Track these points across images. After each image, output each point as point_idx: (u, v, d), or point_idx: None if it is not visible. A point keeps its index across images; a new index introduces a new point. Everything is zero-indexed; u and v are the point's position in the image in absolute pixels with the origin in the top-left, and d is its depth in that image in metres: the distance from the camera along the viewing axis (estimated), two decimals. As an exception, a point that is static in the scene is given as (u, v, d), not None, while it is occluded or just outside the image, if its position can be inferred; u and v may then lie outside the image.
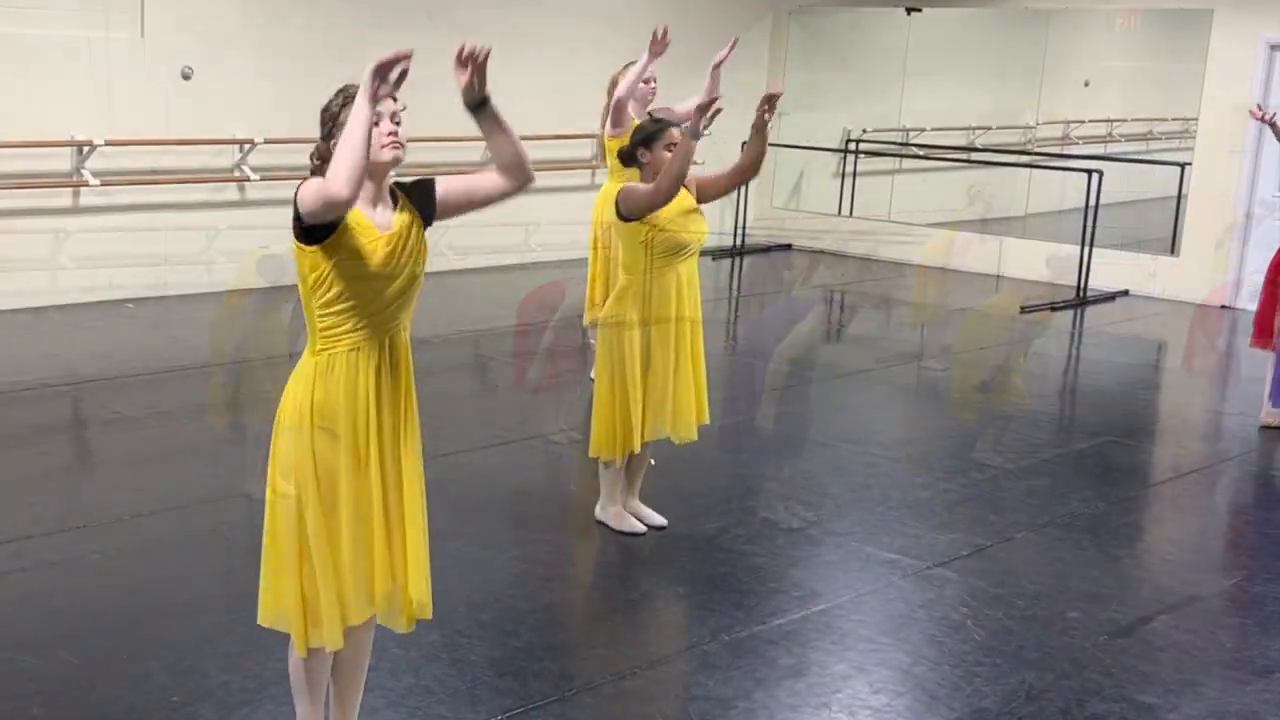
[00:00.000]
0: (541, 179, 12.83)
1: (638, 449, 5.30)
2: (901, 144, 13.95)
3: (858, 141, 13.99)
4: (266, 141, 10.15)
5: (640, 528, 5.43)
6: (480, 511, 5.72)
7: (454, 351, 8.83)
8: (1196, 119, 11.75)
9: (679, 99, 8.01)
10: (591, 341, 7.26)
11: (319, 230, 3.34)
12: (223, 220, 10.19)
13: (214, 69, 9.91)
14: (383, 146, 3.37)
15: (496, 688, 4.11)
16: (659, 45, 7.31)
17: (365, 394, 3.37)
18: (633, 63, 7.70)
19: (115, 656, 4.24)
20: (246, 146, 10.10)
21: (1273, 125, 7.40)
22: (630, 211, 5.17)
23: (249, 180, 10.16)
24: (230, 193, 10.22)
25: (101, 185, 9.33)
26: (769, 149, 5.48)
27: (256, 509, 5.52)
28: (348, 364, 3.42)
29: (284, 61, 10.30)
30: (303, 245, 3.40)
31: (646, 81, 7.53)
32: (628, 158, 5.35)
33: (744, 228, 12.92)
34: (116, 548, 5.15)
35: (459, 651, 4.33)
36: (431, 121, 11.17)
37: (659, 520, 5.50)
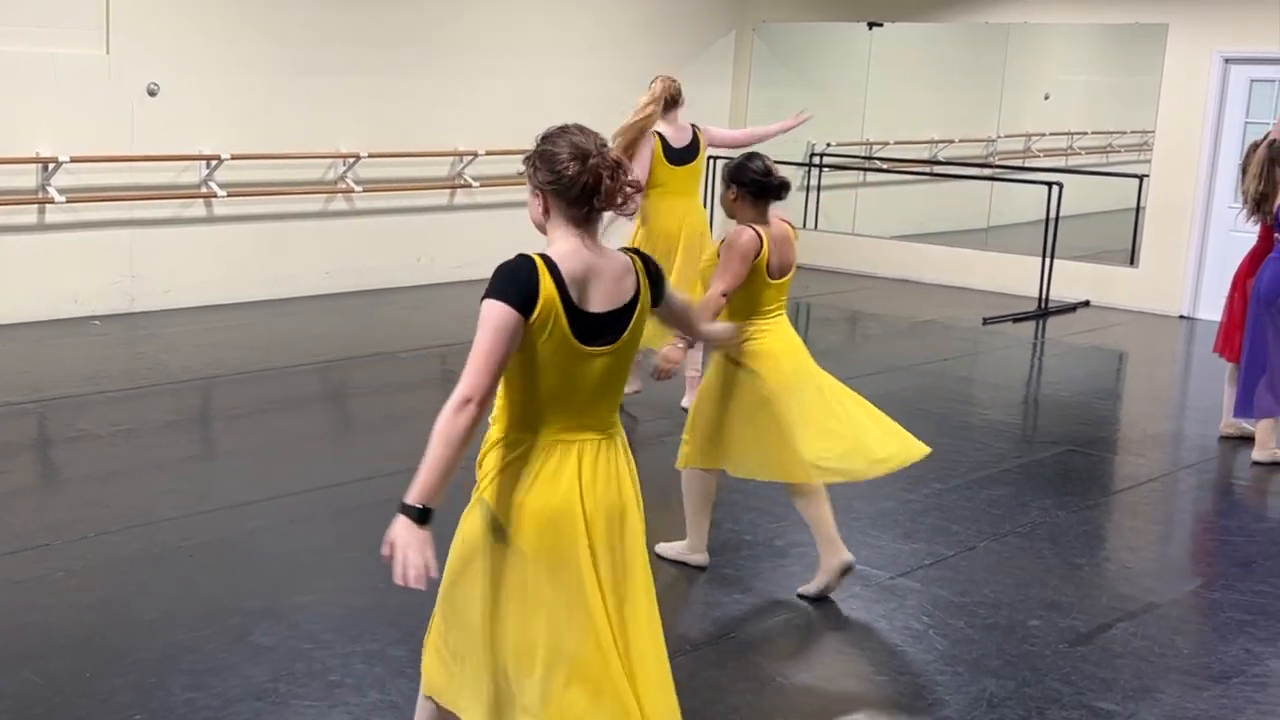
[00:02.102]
0: (507, 194, 12.92)
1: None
2: (865, 158, 14.02)
3: (821, 155, 14.04)
4: (233, 157, 10.12)
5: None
6: (447, 526, 5.69)
7: (423, 365, 8.82)
8: (1154, 132, 11.87)
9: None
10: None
11: None
12: (190, 236, 10.15)
13: (180, 85, 9.87)
14: None
15: (462, 702, 4.10)
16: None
17: None
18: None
19: (79, 675, 4.21)
20: (213, 163, 10.06)
21: None
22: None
23: (216, 196, 10.12)
24: (198, 209, 10.18)
25: (67, 202, 9.27)
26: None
27: (224, 525, 5.52)
28: None
29: (250, 77, 10.28)
30: None
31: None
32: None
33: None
34: (81, 565, 5.12)
35: (425, 666, 4.32)
36: (399, 140, 11.20)
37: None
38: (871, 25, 13.48)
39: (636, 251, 3.24)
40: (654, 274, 3.21)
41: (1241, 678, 4.53)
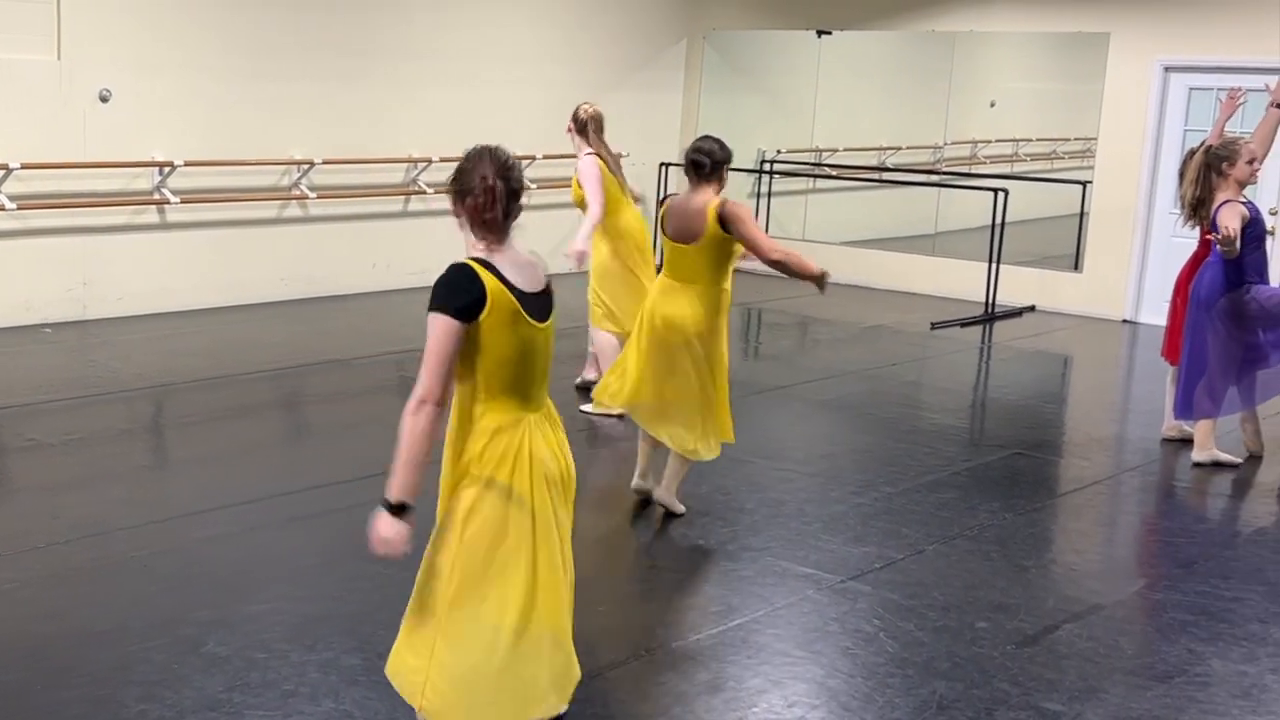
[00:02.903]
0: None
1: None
2: (814, 164, 14.07)
3: (772, 162, 14.08)
4: (187, 164, 10.03)
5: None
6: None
7: (378, 372, 8.77)
8: (1097, 139, 11.98)
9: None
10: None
11: None
12: (143, 243, 10.05)
13: (132, 91, 9.77)
14: None
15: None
16: None
17: None
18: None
19: (30, 687, 4.15)
20: (166, 169, 9.97)
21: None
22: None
23: (169, 203, 10.02)
24: (150, 215, 10.08)
25: (18, 209, 9.16)
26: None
27: (177, 534, 5.45)
28: None
29: (203, 83, 10.19)
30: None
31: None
32: None
33: (662, 249, 12.94)
34: (32, 576, 5.04)
35: (379, 674, 4.26)
36: (353, 147, 11.13)
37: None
38: (820, 33, 13.53)
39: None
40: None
41: (1184, 677, 4.57)
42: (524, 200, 3.57)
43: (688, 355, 5.74)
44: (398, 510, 3.39)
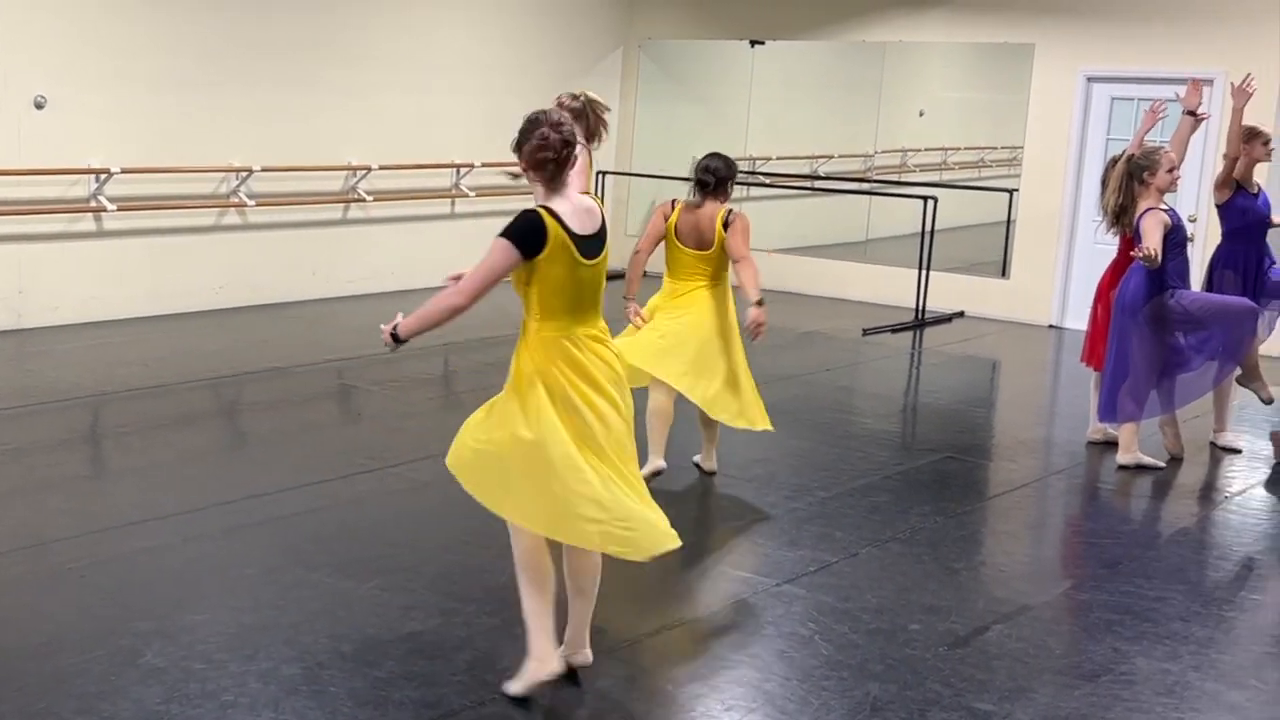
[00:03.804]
0: (401, 208, 12.84)
1: None
2: (748, 172, 14.10)
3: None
4: (124, 171, 9.90)
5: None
6: (341, 541, 5.63)
7: (318, 380, 8.69)
8: (1023, 147, 12.11)
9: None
10: None
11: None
12: (79, 251, 9.90)
13: (68, 98, 9.63)
14: None
15: (356, 718, 4.04)
16: None
17: None
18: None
19: (-34, 701, 4.06)
20: (103, 176, 9.83)
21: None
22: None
23: (106, 210, 9.88)
24: (87, 223, 9.94)
25: (-48, 218, 9.01)
26: (625, 178, 5.77)
27: (115, 545, 5.35)
28: None
29: (140, 90, 10.06)
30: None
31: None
32: None
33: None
34: (-32, 588, 4.95)
35: (319, 683, 4.25)
36: (292, 154, 11.02)
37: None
38: (753, 43, 13.58)
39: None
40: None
41: (1110, 676, 4.62)
42: (577, 152, 4.17)
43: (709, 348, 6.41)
44: (397, 341, 4.31)
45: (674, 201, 6.55)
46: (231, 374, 8.64)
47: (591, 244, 4.14)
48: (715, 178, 6.41)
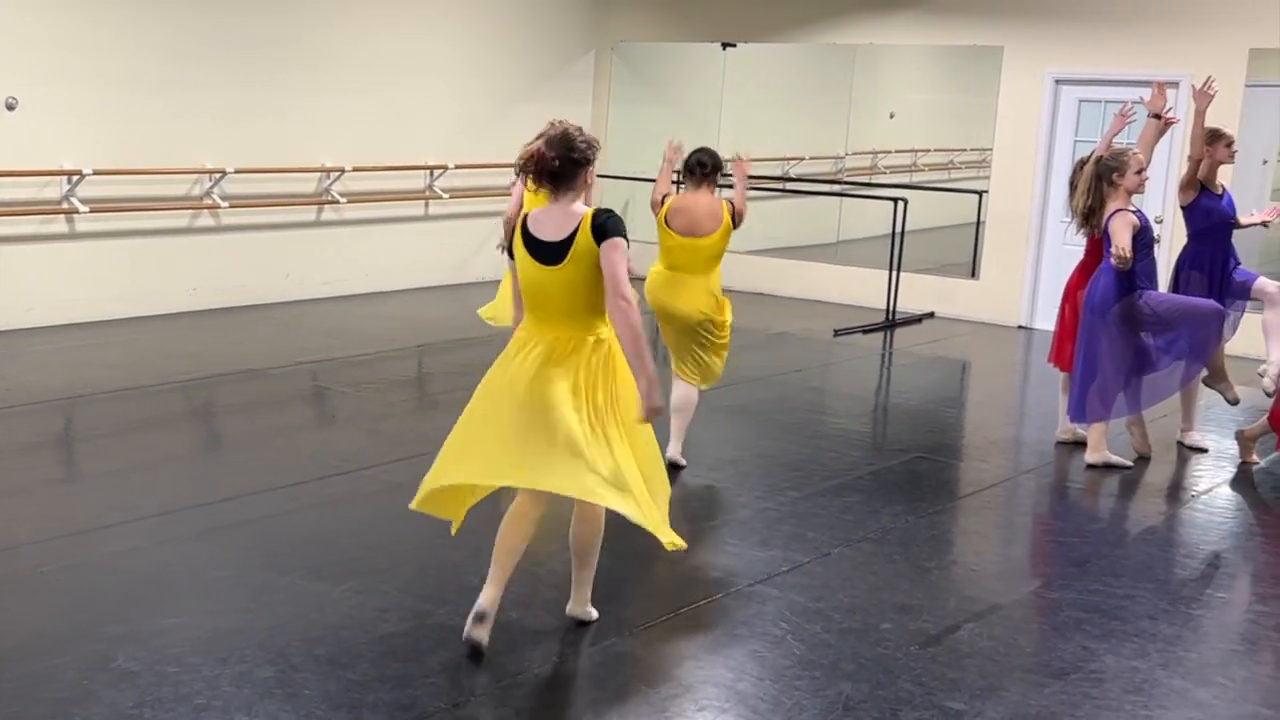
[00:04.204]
0: (374, 210, 12.79)
1: None
2: (721, 174, 14.08)
3: (678, 172, 14.06)
4: (96, 173, 9.82)
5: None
6: (315, 543, 5.60)
7: (292, 382, 8.64)
8: (992, 149, 12.16)
9: (509, 132, 8.11)
10: None
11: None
12: (52, 253, 9.82)
13: (40, 99, 9.56)
14: None
15: (330, 722, 4.01)
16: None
17: None
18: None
19: (-63, 706, 4.02)
20: (75, 178, 9.75)
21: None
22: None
23: (78, 212, 9.81)
24: (59, 225, 9.86)
25: (-77, 220, 8.92)
26: (598, 180, 5.90)
27: (87, 548, 5.30)
28: None
29: (112, 92, 9.99)
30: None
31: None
32: None
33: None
34: (-61, 592, 4.90)
35: (293, 686, 4.22)
36: (265, 156, 10.96)
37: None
38: (725, 45, 13.59)
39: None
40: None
41: (1079, 674, 4.63)
42: (576, 166, 4.33)
43: (696, 337, 6.85)
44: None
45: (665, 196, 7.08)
46: (205, 376, 8.59)
47: (550, 249, 4.31)
48: (712, 163, 6.95)
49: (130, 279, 10.31)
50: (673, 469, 6.59)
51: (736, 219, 6.90)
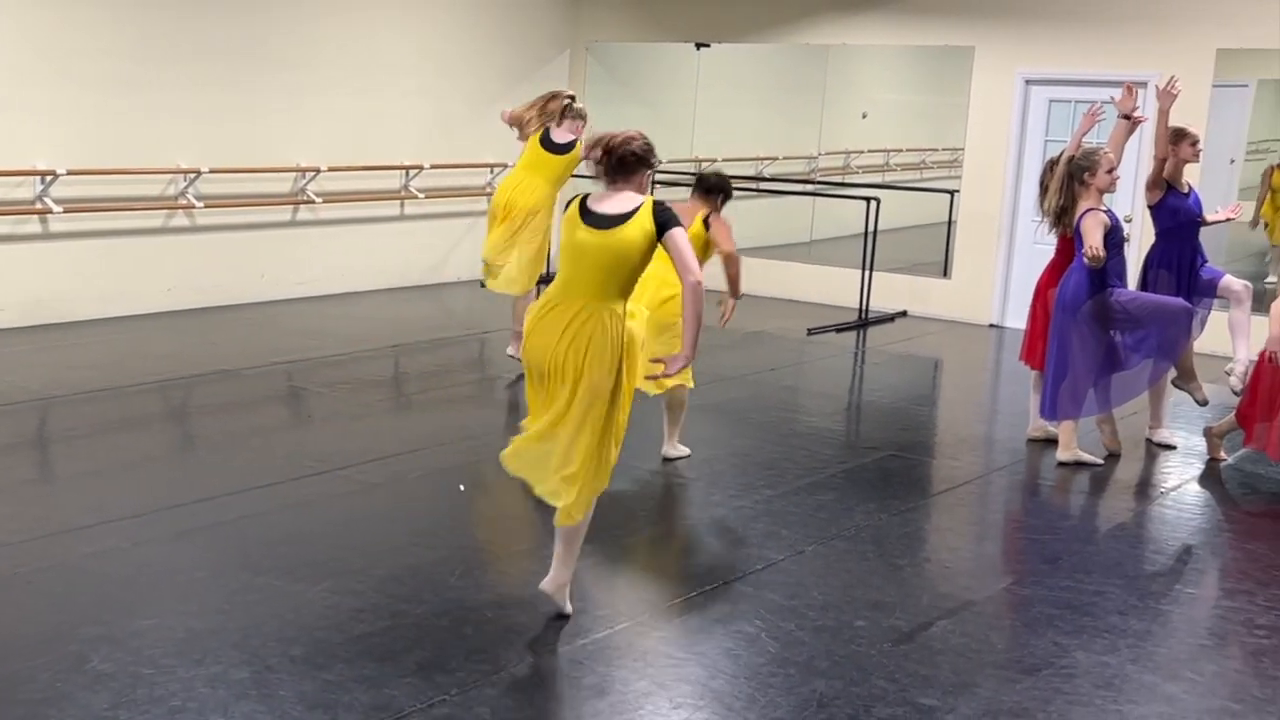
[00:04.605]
0: (350, 210, 12.73)
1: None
2: (695, 174, 14.10)
3: (654, 172, 14.06)
4: (70, 173, 9.76)
5: None
6: (290, 544, 5.58)
7: (267, 382, 8.60)
8: (963, 149, 12.20)
9: (479, 128, 8.12)
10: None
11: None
12: (25, 253, 9.75)
13: (14, 99, 9.48)
14: None
15: (306, 722, 4.00)
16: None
17: None
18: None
19: (-90, 709, 3.99)
20: (49, 178, 9.68)
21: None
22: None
23: (52, 212, 9.74)
24: (33, 225, 9.79)
25: (-104, 221, 8.84)
26: (573, 180, 5.96)
27: (62, 549, 5.27)
28: None
29: (87, 92, 9.92)
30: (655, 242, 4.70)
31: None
32: None
33: (550, 257, 12.91)
34: (-87, 595, 4.85)
35: (268, 687, 4.20)
36: (240, 156, 10.91)
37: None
38: (699, 46, 13.59)
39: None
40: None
41: (1051, 669, 4.65)
42: (639, 162, 4.84)
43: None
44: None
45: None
46: (180, 377, 8.55)
47: (602, 219, 4.68)
48: (709, 185, 7.06)
49: (105, 279, 10.25)
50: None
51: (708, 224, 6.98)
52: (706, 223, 6.85)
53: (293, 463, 6.71)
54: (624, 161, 4.80)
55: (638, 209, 4.70)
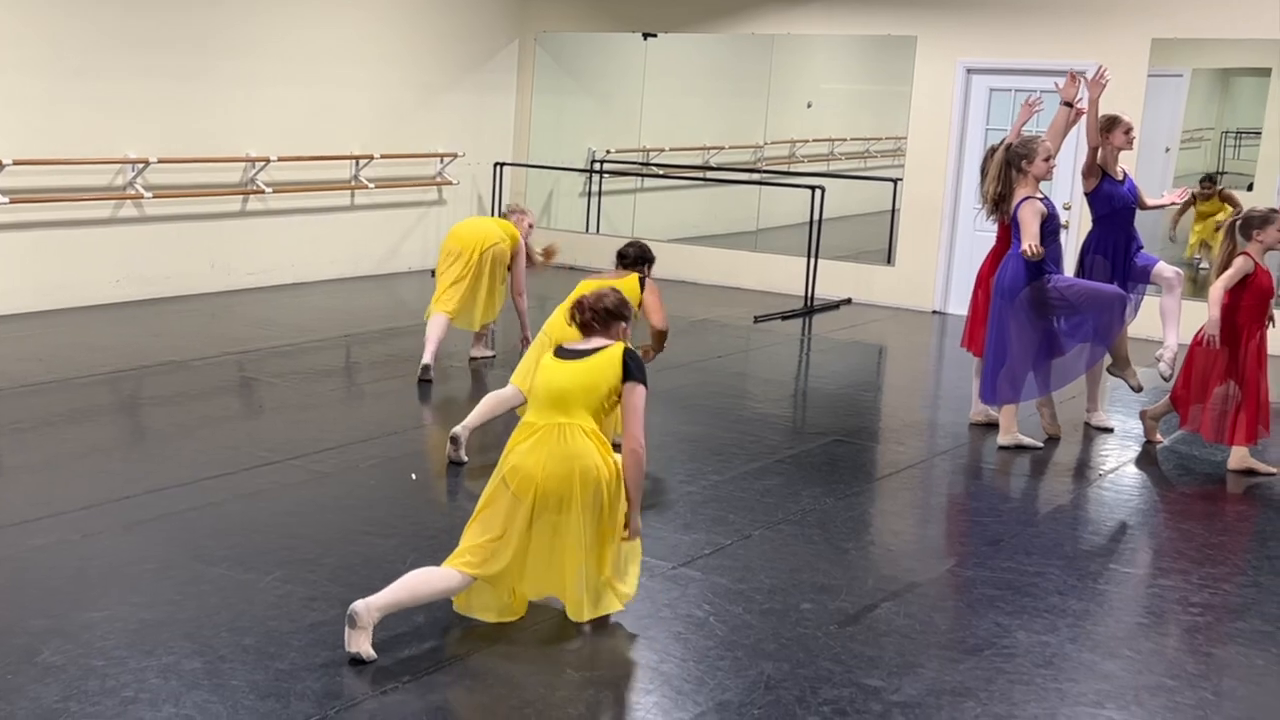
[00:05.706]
0: (300, 200, 12.65)
1: None
2: (642, 164, 14.12)
3: (602, 161, 14.09)
4: (16, 163, 9.61)
5: None
6: (242, 534, 5.53)
7: (218, 373, 8.52)
8: (906, 138, 12.26)
9: (434, 122, 8.04)
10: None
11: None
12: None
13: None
14: None
15: (259, 711, 3.97)
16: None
17: None
18: None
19: None
20: (-6, 171, 9.54)
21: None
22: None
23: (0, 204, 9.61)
24: (-22, 218, 9.65)
25: None
26: (522, 170, 5.87)
27: (9, 543, 5.20)
28: None
29: (32, 81, 9.78)
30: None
31: None
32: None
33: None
34: None
35: (220, 677, 4.18)
36: (190, 146, 10.79)
37: None
38: (646, 35, 13.58)
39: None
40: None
41: (993, 649, 4.70)
42: (611, 316, 4.85)
43: None
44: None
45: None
46: (129, 368, 8.45)
47: (572, 353, 4.74)
48: (632, 258, 7.06)
49: (52, 270, 10.11)
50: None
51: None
52: (642, 282, 6.85)
53: (243, 453, 6.66)
54: (598, 316, 4.82)
55: (607, 347, 4.75)
